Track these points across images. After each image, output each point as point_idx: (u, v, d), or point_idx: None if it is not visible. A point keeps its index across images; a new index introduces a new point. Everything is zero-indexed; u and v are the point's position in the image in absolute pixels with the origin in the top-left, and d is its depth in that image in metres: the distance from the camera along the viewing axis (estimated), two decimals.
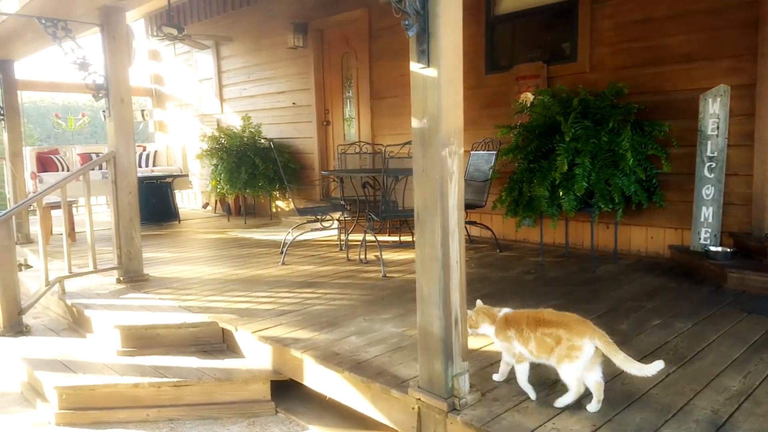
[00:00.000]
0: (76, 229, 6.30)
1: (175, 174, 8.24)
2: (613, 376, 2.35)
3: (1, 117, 5.93)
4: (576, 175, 3.83)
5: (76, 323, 3.78)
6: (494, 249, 5.05)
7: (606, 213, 4.23)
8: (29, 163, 7.58)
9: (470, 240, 5.40)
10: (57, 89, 9.38)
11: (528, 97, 4.97)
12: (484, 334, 2.30)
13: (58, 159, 8.24)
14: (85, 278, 4.25)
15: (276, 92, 7.98)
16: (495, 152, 4.94)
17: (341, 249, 5.34)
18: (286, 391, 2.93)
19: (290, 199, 7.92)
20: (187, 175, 8.42)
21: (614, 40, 4.71)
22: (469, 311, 2.28)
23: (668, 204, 4.38)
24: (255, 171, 7.39)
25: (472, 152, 5.25)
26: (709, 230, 4.14)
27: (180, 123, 9.81)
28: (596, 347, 2.05)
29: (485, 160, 5.09)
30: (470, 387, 2.14)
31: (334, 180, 5.81)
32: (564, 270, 4.26)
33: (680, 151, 4.23)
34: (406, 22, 1.96)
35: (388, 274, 4.22)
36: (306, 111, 7.62)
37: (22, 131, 6.36)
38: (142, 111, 9.86)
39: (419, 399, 2.15)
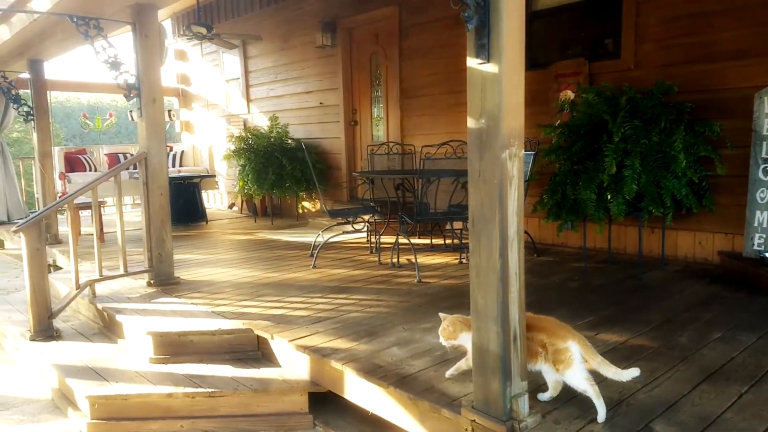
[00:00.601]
0: (105, 230, 6.27)
1: (202, 174, 8.20)
2: (681, 396, 2.18)
3: (31, 117, 5.92)
4: (625, 177, 3.64)
5: (106, 328, 3.71)
6: (531, 253, 4.87)
7: (653, 217, 4.02)
8: (57, 163, 7.60)
9: None
10: (85, 89, 9.43)
11: (568, 95, 4.77)
12: (461, 345, 2.29)
13: (85, 159, 8.27)
14: (116, 281, 4.18)
15: (303, 92, 7.89)
16: (533, 153, 4.75)
17: (372, 252, 5.21)
18: (325, 403, 2.80)
19: (319, 201, 7.82)
20: (214, 176, 8.38)
21: (661, 36, 4.49)
22: (444, 323, 2.31)
23: (718, 208, 4.15)
24: (282, 171, 7.30)
25: None
26: (764, 236, 3.90)
27: (206, 123, 9.79)
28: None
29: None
30: (529, 409, 1.99)
31: (364, 182, 5.69)
32: (608, 277, 4.06)
33: (732, 152, 4.00)
34: (466, 15, 1.82)
35: (423, 279, 4.07)
36: (333, 111, 7.50)
37: (51, 131, 6.35)
38: (169, 111, 9.86)
39: (474, 420, 2.00)
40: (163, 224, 4.16)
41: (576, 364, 2.05)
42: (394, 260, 4.65)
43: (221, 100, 9.41)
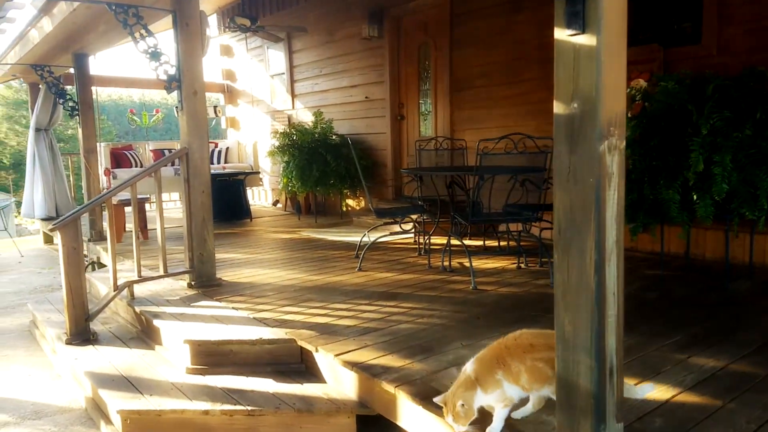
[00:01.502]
0: (149, 226, 6.18)
1: (246, 171, 8.07)
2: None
3: (76, 112, 5.88)
4: (714, 176, 3.19)
5: (144, 333, 3.53)
6: None
7: (743, 220, 3.55)
8: (103, 159, 7.60)
9: None
10: (132, 85, 9.46)
11: (641, 84, 4.31)
12: (492, 406, 1.95)
13: (131, 155, 8.26)
14: (156, 282, 4.01)
15: (348, 86, 7.63)
16: None
17: (420, 254, 4.89)
18: (374, 426, 2.51)
19: (365, 199, 7.55)
20: (258, 173, 8.23)
21: (749, 18, 4.00)
22: (449, 406, 1.93)
23: None
24: (326, 168, 7.07)
25: None
26: None
27: (251, 119, 9.68)
28: None
29: None
30: None
31: (411, 179, 5.37)
32: (690, 287, 3.62)
33: None
34: None
35: (479, 287, 3.73)
36: (379, 105, 7.21)
37: (97, 127, 6.31)
38: (215, 107, 9.80)
39: None
40: (204, 223, 3.97)
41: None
42: (446, 264, 4.33)
43: (266, 96, 9.27)
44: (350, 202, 7.88)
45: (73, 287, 3.44)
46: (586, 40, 1.52)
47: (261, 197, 9.83)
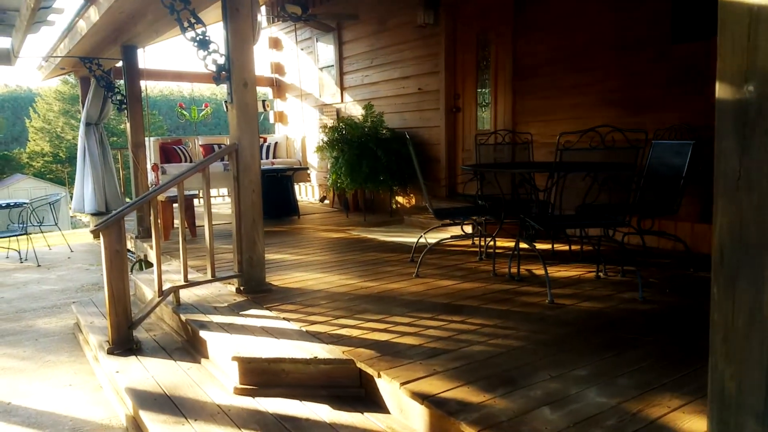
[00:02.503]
0: (197, 223, 6.00)
1: (295, 167, 7.83)
2: None
3: (124, 106, 5.74)
4: None
5: (190, 343, 3.28)
6: (685, 267, 3.95)
7: None
8: (152, 154, 7.50)
9: (646, 251, 4.29)
10: (180, 78, 9.38)
11: None
12: None
13: (180, 150, 8.15)
14: (203, 286, 3.78)
15: (400, 77, 7.27)
16: (690, 142, 3.83)
17: (481, 259, 4.50)
18: None
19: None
20: (307, 169, 7.99)
21: None
22: None
23: None
24: (376, 164, 6.74)
25: (654, 141, 4.15)
26: None
27: (299, 114, 9.45)
28: None
29: (675, 151, 3.98)
30: None
31: (472, 177, 4.98)
32: None
33: None
34: None
35: (556, 299, 3.31)
36: (433, 97, 6.82)
37: (146, 122, 6.18)
38: (264, 101, 9.62)
39: None
40: (254, 224, 3.69)
41: None
42: (513, 271, 3.92)
43: (314, 90, 9.02)
44: (400, 199, 7.54)
45: (116, 293, 3.22)
46: None
47: (308, 193, 9.61)
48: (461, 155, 6.69)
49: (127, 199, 8.08)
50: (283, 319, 3.15)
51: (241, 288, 3.70)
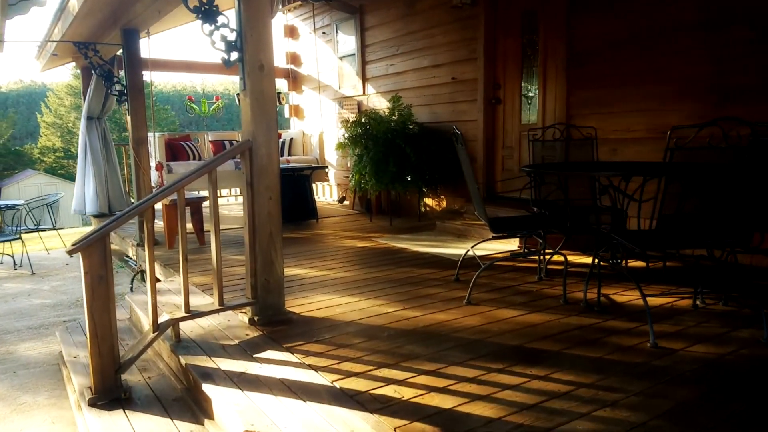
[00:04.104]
0: (206, 228, 5.33)
1: (313, 166, 7.14)
2: None
3: (125, 97, 5.07)
4: None
5: (191, 395, 2.60)
6: None
7: None
8: (156, 151, 6.84)
9: (737, 269, 3.53)
10: (188, 69, 8.72)
11: None
12: None
13: (189, 146, 7.49)
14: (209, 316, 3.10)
15: (431, 65, 6.53)
16: None
17: (540, 278, 3.77)
18: None
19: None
20: (325, 167, 7.29)
21: None
22: None
23: None
24: (405, 163, 6.03)
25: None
26: None
27: (317, 107, 8.75)
28: None
29: None
30: None
31: (530, 180, 4.25)
32: None
33: None
34: None
35: (659, 341, 2.58)
36: (469, 87, 6.08)
37: (152, 116, 5.51)
38: (279, 94, 8.92)
39: None
40: (272, 239, 3.00)
41: None
42: (589, 297, 3.20)
43: (333, 81, 8.30)
44: (429, 201, 6.82)
45: (100, 330, 2.54)
46: None
47: (326, 193, 8.92)
48: (501, 153, 5.95)
49: (132, 200, 7.44)
50: (309, 367, 2.45)
51: (255, 319, 3.01)
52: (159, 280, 4.44)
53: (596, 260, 3.16)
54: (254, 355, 2.62)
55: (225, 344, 2.78)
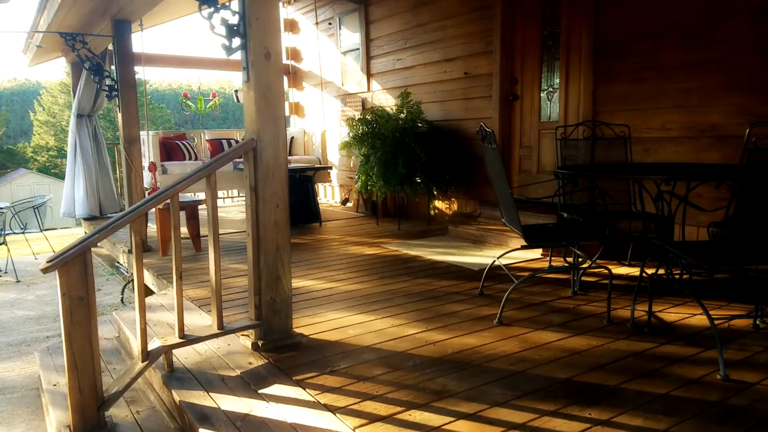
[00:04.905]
0: (202, 232, 4.95)
1: (316, 166, 6.76)
2: None
3: (115, 93, 4.68)
4: None
5: None
6: None
7: None
8: (150, 151, 6.45)
9: None
10: (185, 64, 8.32)
11: None
12: None
13: (185, 145, 7.10)
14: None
15: (442, 60, 6.16)
16: None
17: (575, 292, 3.41)
18: None
19: (456, 201, 6.08)
20: (329, 168, 6.91)
21: None
22: None
23: None
24: (415, 163, 5.67)
25: None
26: None
27: (319, 105, 8.37)
28: None
29: None
30: None
31: (566, 182, 3.89)
32: None
33: None
34: None
35: (729, 373, 2.22)
36: (484, 83, 5.71)
37: (146, 113, 5.14)
38: None
39: None
40: (278, 252, 2.63)
41: None
42: (635, 317, 2.84)
43: (336, 77, 7.93)
44: (438, 204, 6.45)
45: (80, 361, 2.17)
46: None
47: (327, 194, 8.55)
48: (518, 153, 5.59)
49: (125, 203, 7.05)
50: (325, 407, 2.08)
51: (259, 343, 2.64)
52: (152, 292, 4.07)
53: (644, 273, 2.81)
54: (259, 391, 2.24)
55: (225, 375, 2.41)
